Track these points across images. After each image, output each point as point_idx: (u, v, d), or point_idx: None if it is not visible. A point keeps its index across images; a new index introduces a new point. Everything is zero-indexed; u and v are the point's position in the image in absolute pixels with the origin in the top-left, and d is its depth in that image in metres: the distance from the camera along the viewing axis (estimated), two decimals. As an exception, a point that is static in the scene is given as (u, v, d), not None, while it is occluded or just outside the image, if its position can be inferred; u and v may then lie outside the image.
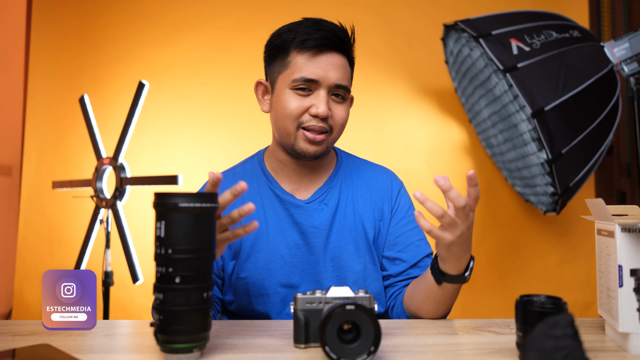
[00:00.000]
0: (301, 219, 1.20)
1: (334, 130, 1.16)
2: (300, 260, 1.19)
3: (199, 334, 0.77)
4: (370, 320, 0.76)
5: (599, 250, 0.92)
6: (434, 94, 2.73)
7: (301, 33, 1.13)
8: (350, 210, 1.23)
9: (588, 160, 2.09)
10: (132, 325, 1.05)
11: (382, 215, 1.25)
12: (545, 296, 0.80)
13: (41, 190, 3.02)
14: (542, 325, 0.61)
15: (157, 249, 0.77)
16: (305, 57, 1.12)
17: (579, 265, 2.62)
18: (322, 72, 1.12)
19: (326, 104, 1.12)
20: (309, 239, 1.20)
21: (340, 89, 1.15)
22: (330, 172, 1.27)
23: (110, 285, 2.36)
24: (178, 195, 0.77)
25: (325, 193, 1.23)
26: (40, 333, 0.93)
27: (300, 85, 1.13)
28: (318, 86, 1.13)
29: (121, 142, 2.52)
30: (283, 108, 1.15)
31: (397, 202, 1.27)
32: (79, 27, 3.05)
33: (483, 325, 0.99)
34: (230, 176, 1.28)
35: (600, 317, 0.96)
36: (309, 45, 1.12)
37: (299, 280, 1.19)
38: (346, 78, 1.16)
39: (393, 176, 1.32)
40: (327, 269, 1.20)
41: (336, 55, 1.14)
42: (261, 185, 1.24)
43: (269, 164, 1.27)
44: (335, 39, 1.13)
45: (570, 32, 2.10)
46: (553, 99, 1.94)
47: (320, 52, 1.12)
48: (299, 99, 1.13)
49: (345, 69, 1.16)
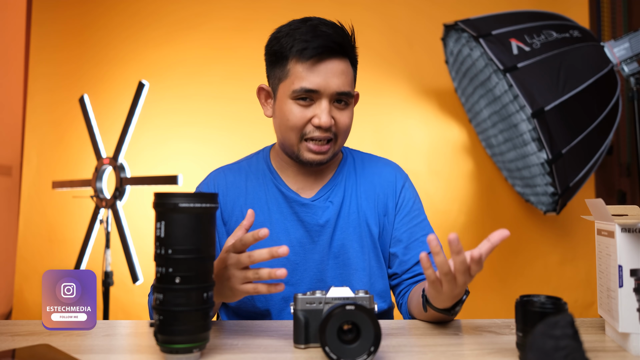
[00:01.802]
0: (306, 217, 1.20)
1: (338, 137, 1.15)
2: (303, 259, 1.19)
3: (199, 334, 0.77)
4: (370, 321, 0.76)
5: (599, 250, 0.92)
6: (434, 94, 2.73)
7: (299, 41, 1.09)
8: (354, 207, 1.22)
9: (588, 160, 2.09)
10: (132, 326, 1.05)
11: (387, 211, 1.24)
12: (545, 296, 0.80)
13: (41, 190, 3.02)
14: (542, 325, 0.61)
15: (157, 249, 0.77)
16: (305, 67, 1.10)
17: (579, 265, 2.62)
18: (322, 81, 1.09)
19: (328, 114, 1.10)
20: (314, 237, 1.19)
21: (342, 96, 1.12)
22: (335, 169, 1.26)
23: (110, 285, 2.36)
24: (178, 196, 0.77)
25: (330, 190, 1.23)
26: (40, 333, 0.93)
27: (301, 95, 1.11)
28: (319, 96, 1.10)
29: (121, 142, 2.52)
30: (286, 120, 1.13)
31: (402, 196, 1.25)
32: (79, 27, 3.05)
33: (483, 325, 0.99)
34: (235, 170, 1.27)
35: (600, 317, 0.96)
36: (307, 55, 1.09)
37: (302, 278, 1.19)
38: (348, 83, 1.13)
39: (397, 169, 1.30)
40: (331, 267, 1.19)
41: (336, 61, 1.11)
42: (266, 182, 1.24)
43: (275, 162, 1.26)
44: (333, 45, 1.09)
45: (570, 32, 2.10)
46: (553, 99, 1.94)
47: (319, 61, 1.09)
48: (300, 109, 1.11)
49: (347, 74, 1.13)
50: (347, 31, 1.15)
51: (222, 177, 1.25)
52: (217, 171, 1.28)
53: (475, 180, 2.70)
